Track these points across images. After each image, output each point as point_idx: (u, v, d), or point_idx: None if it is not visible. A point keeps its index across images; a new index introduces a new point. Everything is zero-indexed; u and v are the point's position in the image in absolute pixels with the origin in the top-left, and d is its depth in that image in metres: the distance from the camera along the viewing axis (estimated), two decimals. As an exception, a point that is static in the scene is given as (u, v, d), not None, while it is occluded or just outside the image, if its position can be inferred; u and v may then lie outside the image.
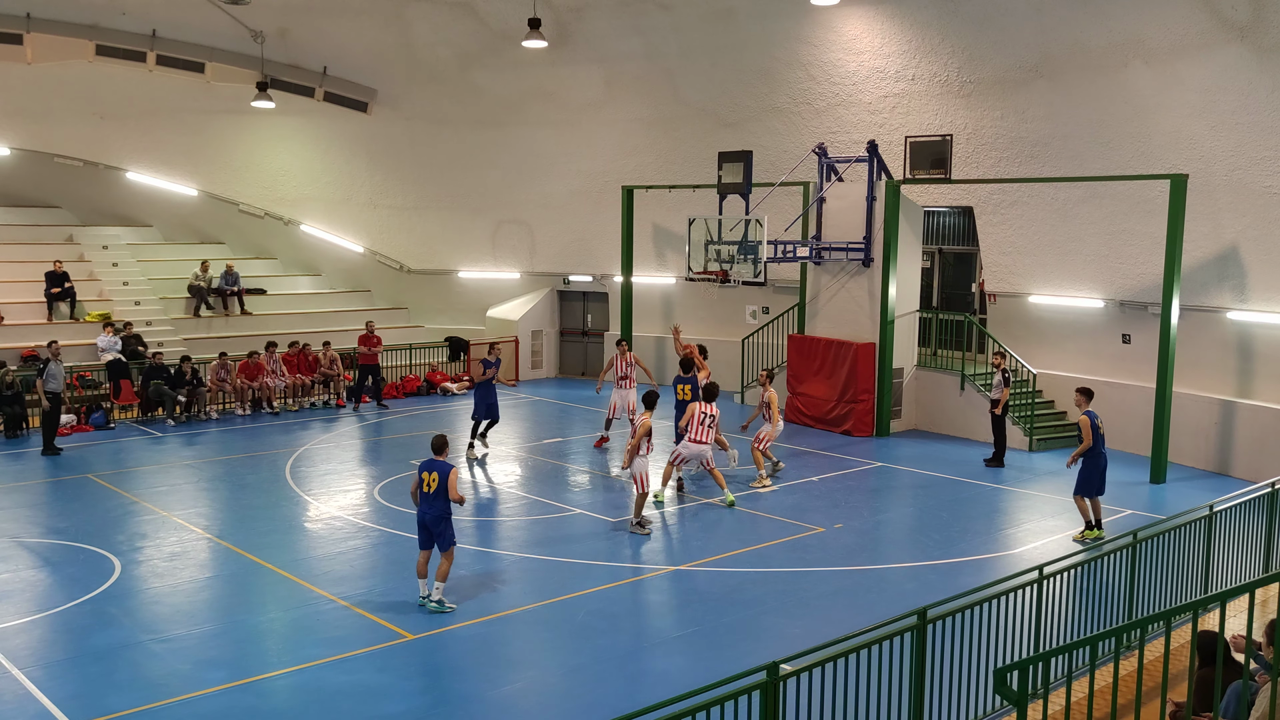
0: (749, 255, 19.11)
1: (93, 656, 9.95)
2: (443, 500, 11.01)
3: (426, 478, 11.10)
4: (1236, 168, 17.23)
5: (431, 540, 11.19)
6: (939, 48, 20.41)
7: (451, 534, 11.23)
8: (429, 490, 11.07)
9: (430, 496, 11.07)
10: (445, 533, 11.14)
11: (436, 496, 11.02)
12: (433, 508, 11.06)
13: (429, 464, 11.18)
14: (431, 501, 11.07)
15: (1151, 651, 8.89)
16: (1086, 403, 13.94)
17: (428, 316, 28.80)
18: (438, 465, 11.12)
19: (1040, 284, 20.86)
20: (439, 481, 11.01)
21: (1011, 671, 6.06)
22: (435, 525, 11.10)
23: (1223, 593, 6.29)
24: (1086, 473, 13.77)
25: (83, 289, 24.59)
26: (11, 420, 19.68)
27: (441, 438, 11.36)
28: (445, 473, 11.03)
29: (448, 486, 10.96)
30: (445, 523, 11.10)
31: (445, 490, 10.97)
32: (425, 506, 11.15)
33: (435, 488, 11.02)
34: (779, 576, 12.39)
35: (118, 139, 27.08)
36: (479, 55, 24.91)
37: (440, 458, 11.23)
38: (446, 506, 11.06)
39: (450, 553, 11.22)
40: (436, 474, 11.06)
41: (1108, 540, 9.90)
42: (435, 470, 11.08)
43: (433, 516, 11.08)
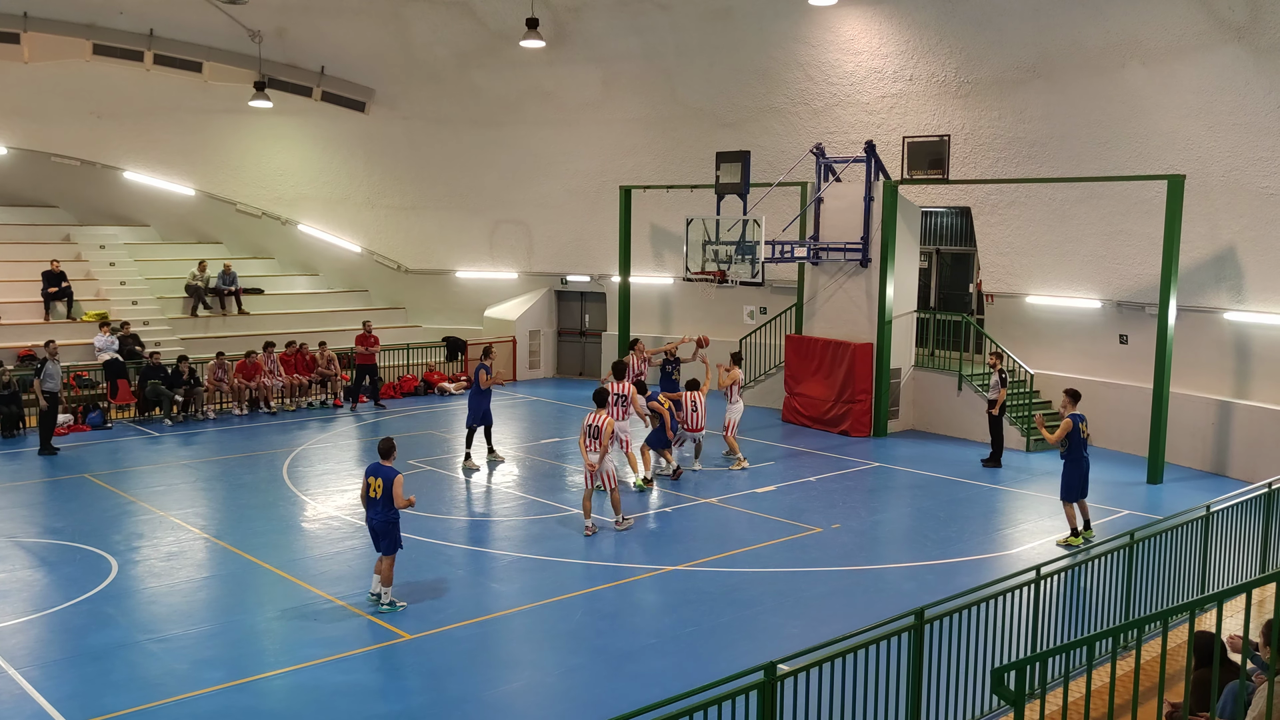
0: (747, 255, 19.11)
1: (90, 656, 9.94)
2: (386, 505, 10.89)
3: (372, 482, 10.98)
4: (1233, 168, 17.25)
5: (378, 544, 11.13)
6: (937, 48, 20.42)
7: (396, 539, 11.07)
8: (374, 495, 10.94)
9: (375, 501, 10.96)
10: (391, 537, 11.01)
11: (381, 501, 10.91)
12: (377, 513, 10.96)
13: (374, 468, 11.06)
14: (376, 506, 10.96)
15: (1148, 652, 8.90)
16: (1073, 405, 13.83)
17: (425, 316, 28.79)
18: (383, 470, 10.98)
19: (1038, 284, 20.88)
20: (383, 487, 10.88)
21: (1009, 671, 6.06)
22: (381, 530, 10.99)
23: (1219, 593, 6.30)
24: (1068, 477, 13.68)
25: (80, 288, 24.56)
26: (8, 420, 19.65)
27: (388, 441, 11.22)
28: (390, 478, 10.90)
29: (392, 492, 10.83)
30: (391, 527, 10.98)
31: (390, 496, 10.84)
32: (370, 512, 11.05)
33: (380, 493, 10.89)
34: (776, 576, 12.39)
35: (115, 138, 27.06)
36: (477, 55, 24.91)
37: (386, 462, 11.08)
38: (391, 511, 10.93)
39: (393, 557, 11.09)
40: (380, 479, 10.92)
41: (1105, 540, 9.89)
42: (380, 475, 10.95)
43: (378, 521, 10.98)
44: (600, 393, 14.62)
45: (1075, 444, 13.59)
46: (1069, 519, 13.79)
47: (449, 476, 17.16)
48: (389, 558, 11.09)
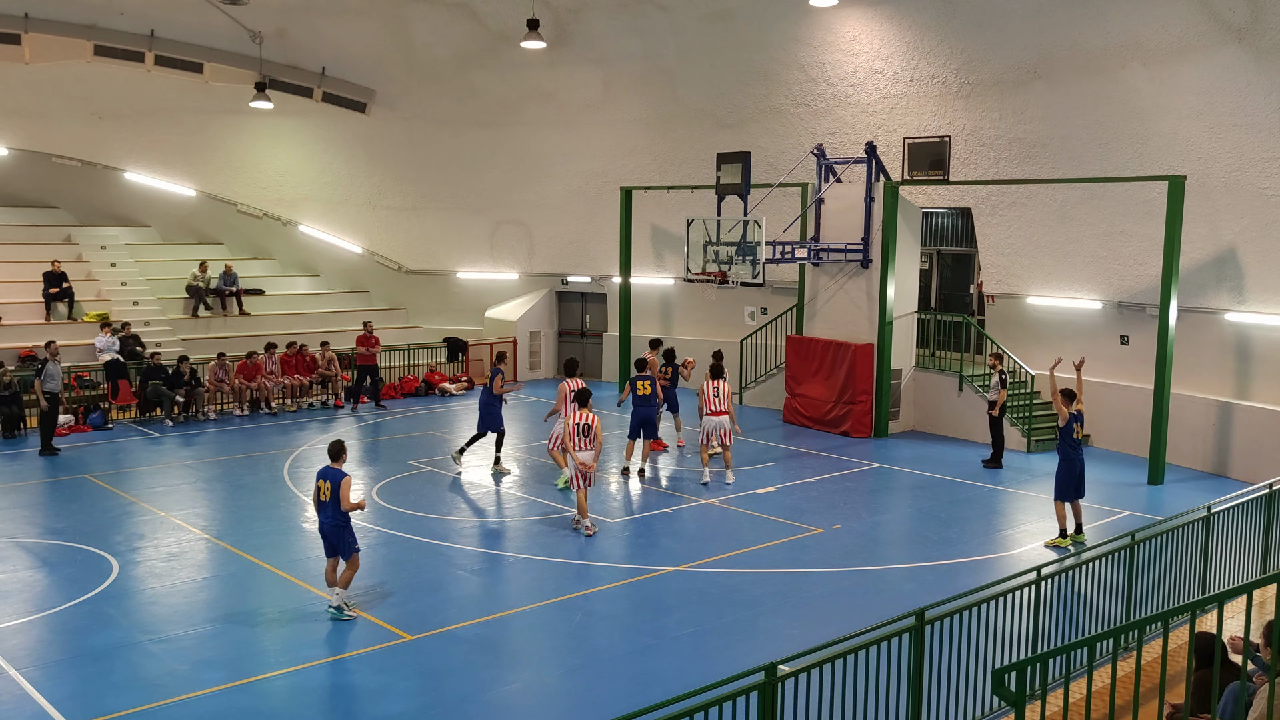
0: (747, 256, 19.11)
1: (90, 657, 9.94)
2: (336, 508, 10.78)
3: (321, 485, 10.87)
4: (1234, 169, 17.25)
5: (334, 548, 11.00)
6: (937, 49, 20.42)
7: (351, 541, 10.95)
8: (323, 499, 10.84)
9: (324, 505, 10.86)
10: (344, 540, 10.90)
11: (330, 505, 10.81)
12: (328, 517, 10.85)
13: (324, 471, 10.96)
14: (326, 510, 10.85)
15: (1149, 653, 8.89)
16: (1069, 404, 13.67)
17: (426, 317, 28.80)
18: (331, 473, 10.88)
19: (1038, 285, 20.87)
20: (331, 490, 10.79)
21: (1009, 672, 6.06)
22: (333, 534, 10.88)
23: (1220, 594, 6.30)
24: (1062, 477, 13.65)
25: (81, 289, 24.57)
26: (9, 420, 19.66)
27: (338, 444, 11.10)
28: (337, 480, 10.79)
29: (340, 497, 10.73)
30: (343, 530, 10.87)
31: (339, 499, 10.75)
32: (321, 516, 10.95)
33: (329, 496, 10.80)
34: (777, 577, 12.39)
35: (116, 139, 27.07)
36: (477, 56, 24.91)
37: (336, 465, 10.97)
38: (342, 514, 10.81)
39: (354, 559, 10.99)
40: (329, 482, 10.82)
41: (1105, 541, 9.88)
42: (329, 478, 10.85)
43: (329, 525, 10.87)
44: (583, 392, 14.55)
45: (1070, 442, 13.57)
46: (1059, 519, 13.75)
47: (450, 477, 17.16)
48: (350, 562, 10.95)
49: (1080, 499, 13.82)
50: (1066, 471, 13.59)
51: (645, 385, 17.15)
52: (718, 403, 16.56)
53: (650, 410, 17.08)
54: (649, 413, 17.07)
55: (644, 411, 17.07)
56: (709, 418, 16.62)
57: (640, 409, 17.11)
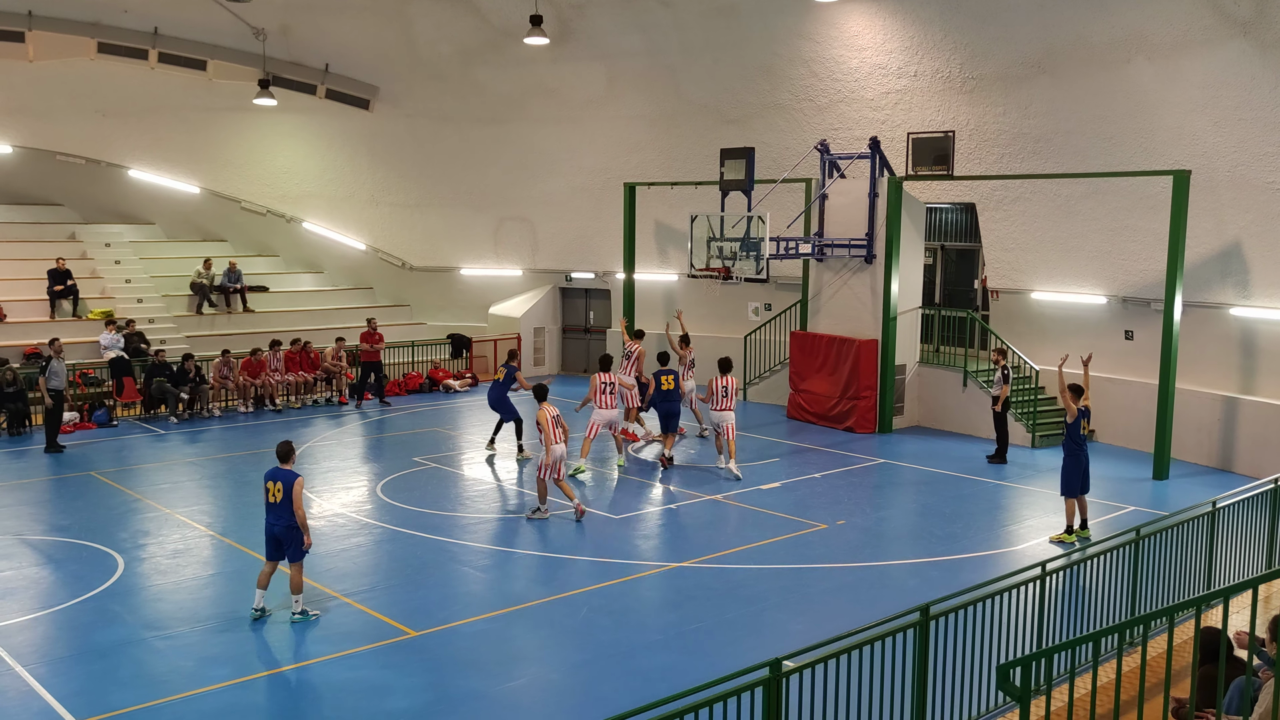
0: (751, 252, 19.10)
1: (96, 653, 9.96)
2: (289, 510, 10.62)
3: (271, 487, 10.68)
4: (1239, 164, 17.21)
5: (280, 552, 10.79)
6: (941, 44, 20.38)
7: (301, 543, 10.76)
8: (274, 500, 10.65)
9: (275, 507, 10.67)
10: (295, 542, 10.72)
11: (282, 507, 10.63)
12: (279, 518, 10.66)
13: (273, 473, 10.77)
14: (277, 512, 10.67)
15: (1155, 648, 8.88)
16: (1078, 400, 13.60)
17: (430, 314, 28.81)
18: (282, 474, 10.68)
19: (1043, 280, 20.84)
20: (283, 491, 10.60)
21: (1014, 668, 6.05)
22: (285, 536, 10.70)
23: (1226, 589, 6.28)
24: (1068, 471, 13.61)
25: (85, 286, 24.62)
26: (14, 418, 19.70)
27: (287, 444, 10.96)
28: (290, 482, 10.62)
29: (292, 497, 10.58)
30: (294, 533, 10.69)
31: (290, 500, 10.58)
32: (271, 517, 10.74)
33: (280, 498, 10.61)
34: (781, 573, 12.39)
35: (120, 137, 27.10)
36: (481, 52, 24.90)
37: (285, 466, 10.80)
38: (293, 516, 10.66)
39: (300, 563, 10.82)
40: (280, 483, 10.63)
41: (1110, 536, 9.87)
42: (279, 479, 10.66)
43: (281, 527, 10.67)
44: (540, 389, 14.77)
45: (1076, 438, 13.53)
46: (1068, 514, 13.74)
47: (454, 473, 17.18)
48: (297, 565, 10.77)
49: (1085, 494, 13.80)
50: (1074, 467, 13.56)
51: (669, 380, 17.63)
52: (726, 402, 16.87)
53: (674, 404, 17.63)
54: (672, 407, 17.61)
55: (667, 406, 17.58)
56: (716, 412, 16.92)
57: (663, 404, 17.59)
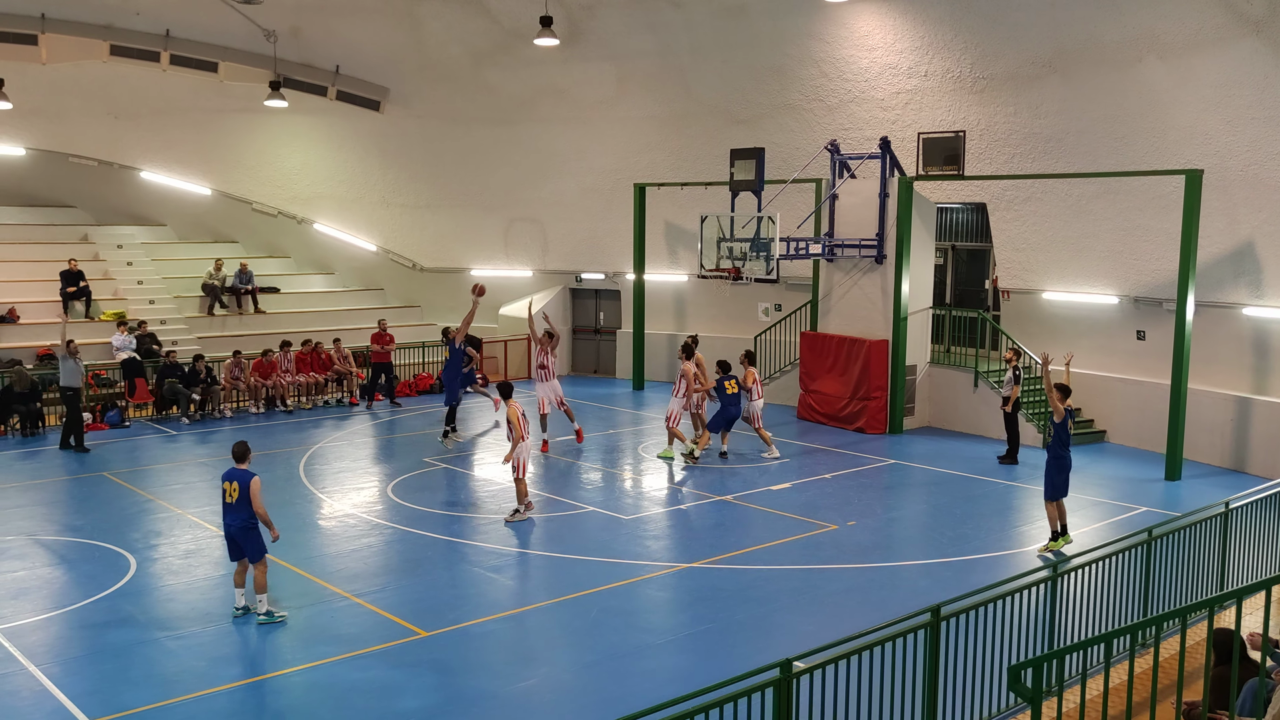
0: (761, 252, 19.09)
1: (108, 653, 10.01)
2: (245, 510, 10.62)
3: (228, 487, 10.70)
4: (1252, 163, 17.13)
5: (240, 552, 10.80)
6: (951, 43, 20.34)
7: (259, 544, 10.77)
8: (230, 501, 10.68)
9: (232, 507, 10.67)
10: (251, 543, 10.71)
11: (238, 506, 10.63)
12: (236, 518, 10.66)
13: (229, 473, 10.79)
14: (234, 512, 10.67)
15: (1167, 649, 8.85)
16: (1065, 399, 13.11)
17: (440, 315, 28.80)
18: (238, 474, 10.70)
19: (1054, 280, 20.77)
20: (239, 491, 10.61)
21: (1026, 669, 6.04)
22: (240, 537, 10.69)
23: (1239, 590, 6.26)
24: (1051, 475, 13.07)
25: (98, 288, 24.72)
26: (27, 418, 19.79)
27: (243, 445, 10.97)
28: (246, 481, 10.63)
29: (250, 496, 10.56)
30: (251, 533, 10.68)
31: (247, 499, 10.58)
32: (228, 518, 10.75)
33: (236, 498, 10.63)
34: (792, 574, 12.37)
35: (132, 138, 27.21)
36: (491, 53, 24.93)
37: (242, 465, 10.81)
38: (250, 516, 10.64)
39: (262, 563, 10.80)
40: (237, 483, 10.65)
41: (1123, 537, 9.83)
42: (236, 479, 10.67)
43: (237, 528, 10.67)
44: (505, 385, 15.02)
45: (1063, 439, 13.05)
46: (1050, 520, 13.21)
47: (465, 474, 17.21)
48: (259, 565, 10.77)
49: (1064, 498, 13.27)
50: (1058, 469, 13.05)
51: (733, 385, 18.01)
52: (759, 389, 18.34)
53: (735, 410, 18.00)
54: (734, 411, 17.99)
55: (730, 411, 17.96)
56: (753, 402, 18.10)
57: (728, 407, 17.94)
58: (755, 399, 18.47)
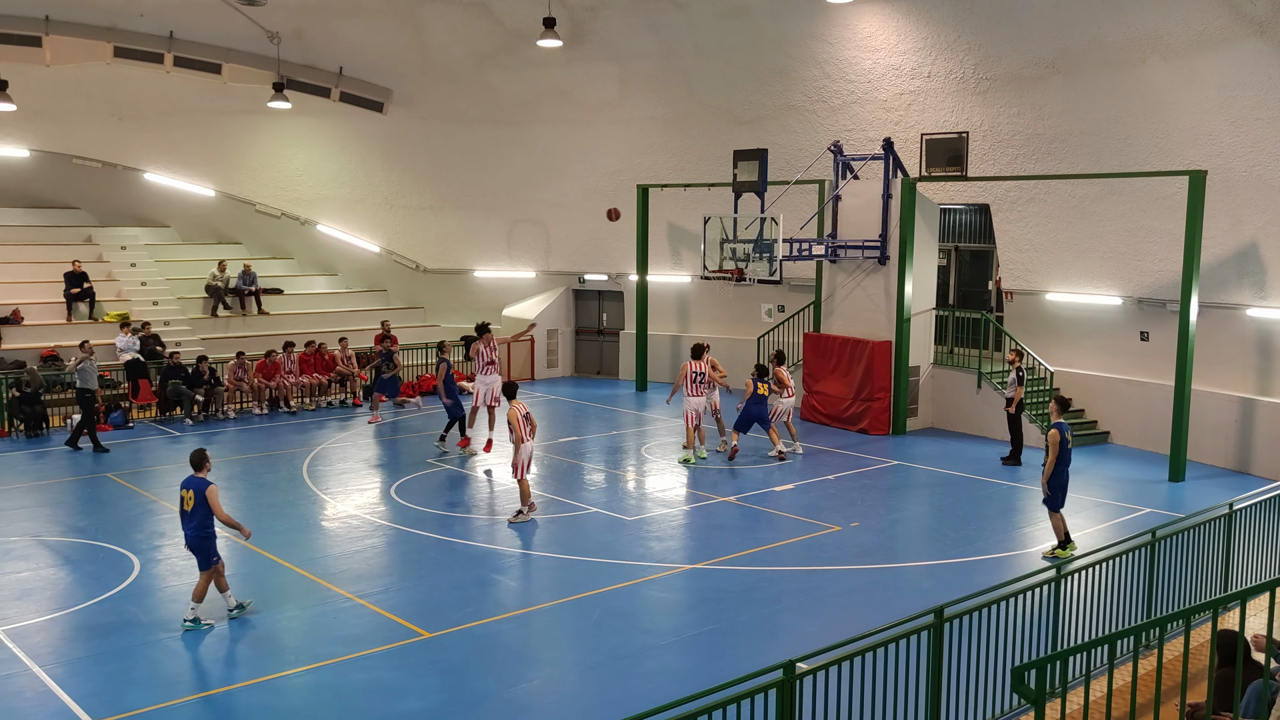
0: (764, 253, 19.09)
1: (112, 654, 10.02)
2: (199, 518, 10.52)
3: (184, 495, 10.62)
4: (1256, 164, 17.11)
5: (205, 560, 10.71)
6: (955, 44, 20.33)
7: (210, 553, 10.64)
8: (186, 509, 10.61)
9: (187, 515, 10.60)
10: (203, 551, 10.61)
11: (192, 515, 10.55)
12: (190, 527, 10.58)
13: (186, 481, 10.70)
14: (188, 520, 10.60)
15: (1171, 650, 8.84)
16: (1060, 413, 12.95)
17: (443, 316, 28.86)
18: (195, 483, 10.61)
19: (1058, 281, 20.76)
20: (194, 499, 10.54)
21: (1029, 670, 6.03)
22: (194, 545, 10.62)
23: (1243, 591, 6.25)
24: (1058, 486, 12.77)
25: (101, 289, 24.76)
26: (31, 420, 19.83)
27: (200, 453, 10.85)
28: (201, 490, 10.55)
29: (207, 504, 10.48)
30: (204, 542, 10.58)
31: (201, 508, 10.50)
32: (184, 526, 10.68)
33: (191, 506, 10.55)
34: (795, 575, 12.37)
35: (135, 140, 27.24)
36: (494, 55, 24.95)
37: (199, 474, 10.69)
38: (204, 525, 10.54)
39: (210, 573, 10.67)
40: (192, 492, 10.58)
41: (1127, 539, 9.81)
42: (191, 488, 10.60)
43: (190, 536, 10.61)
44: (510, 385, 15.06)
45: (1064, 452, 12.78)
46: (1056, 530, 13.04)
47: (468, 475, 17.21)
48: (206, 573, 10.66)
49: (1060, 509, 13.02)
50: (1058, 482, 12.77)
51: (764, 387, 18.10)
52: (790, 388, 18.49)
53: (763, 410, 18.01)
54: (761, 411, 18.00)
55: (757, 410, 17.99)
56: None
57: (755, 407, 18.01)
58: (787, 396, 18.53)
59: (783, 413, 18.49)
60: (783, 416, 18.52)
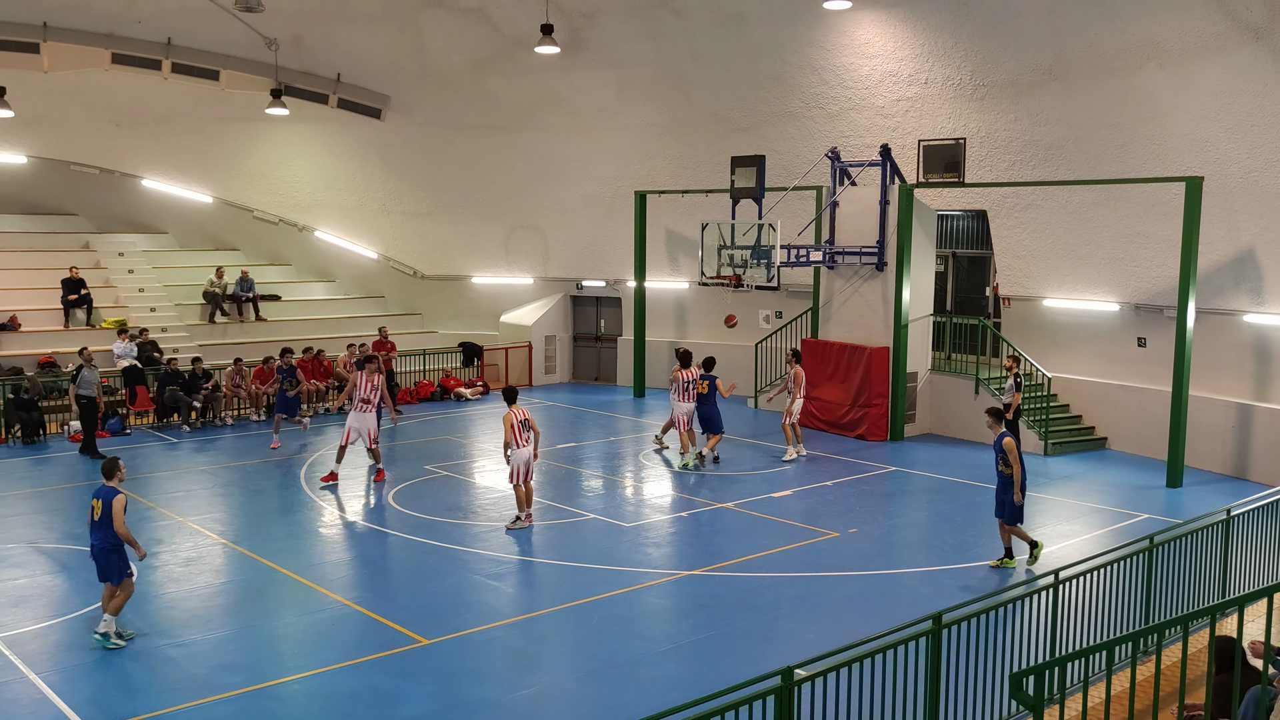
0: (762, 260, 19.10)
1: (108, 661, 9.99)
2: (108, 529, 10.23)
3: (94, 504, 10.34)
4: (1252, 170, 17.14)
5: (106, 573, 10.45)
6: (952, 51, 20.37)
7: (121, 565, 10.37)
8: (94, 519, 10.33)
9: (95, 525, 10.31)
10: (111, 564, 10.33)
11: (100, 525, 10.26)
12: (98, 538, 10.30)
13: (96, 491, 10.44)
14: (97, 531, 10.31)
15: (1169, 657, 8.83)
16: (999, 425, 12.78)
17: (441, 322, 28.87)
18: (104, 492, 10.35)
19: (1055, 287, 20.78)
20: (103, 509, 10.25)
21: (1027, 676, 6.03)
22: (101, 557, 10.33)
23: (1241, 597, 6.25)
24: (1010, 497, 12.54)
25: (99, 296, 24.75)
26: (28, 426, 19.80)
27: (111, 462, 10.64)
28: (109, 499, 10.26)
29: (113, 516, 10.19)
30: (112, 554, 10.31)
31: (109, 518, 10.20)
32: (92, 537, 10.40)
33: (100, 515, 10.27)
34: (793, 581, 12.36)
35: (133, 147, 27.25)
36: (492, 61, 24.98)
37: (111, 483, 10.43)
38: (113, 537, 10.25)
39: (126, 584, 10.43)
40: (101, 501, 10.29)
41: (1125, 544, 9.81)
42: (100, 497, 10.32)
43: (98, 547, 10.32)
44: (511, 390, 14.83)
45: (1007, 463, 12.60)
46: (1021, 537, 12.75)
47: (466, 482, 17.20)
48: (121, 587, 10.40)
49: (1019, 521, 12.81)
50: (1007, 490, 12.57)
51: (704, 385, 18.19)
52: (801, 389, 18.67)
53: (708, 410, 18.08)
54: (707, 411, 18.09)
55: (703, 410, 18.12)
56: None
57: (701, 407, 18.13)
58: (799, 397, 18.58)
59: (794, 415, 18.55)
60: (793, 418, 18.54)
